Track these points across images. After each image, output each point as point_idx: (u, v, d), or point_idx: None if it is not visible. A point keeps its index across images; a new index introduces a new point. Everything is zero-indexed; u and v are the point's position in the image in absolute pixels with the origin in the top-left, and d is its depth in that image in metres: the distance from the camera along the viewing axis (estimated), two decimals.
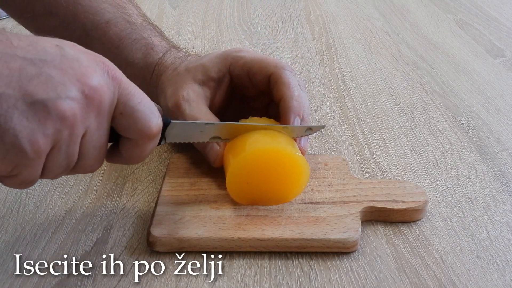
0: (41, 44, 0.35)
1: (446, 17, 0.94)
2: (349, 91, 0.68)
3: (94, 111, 0.35)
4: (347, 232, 0.42)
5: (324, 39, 0.84)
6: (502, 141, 0.57)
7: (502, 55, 0.79)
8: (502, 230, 0.45)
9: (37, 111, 0.33)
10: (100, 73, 0.36)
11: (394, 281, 0.40)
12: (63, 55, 0.35)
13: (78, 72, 0.35)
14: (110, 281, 0.40)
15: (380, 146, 0.56)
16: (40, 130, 0.33)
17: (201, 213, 0.44)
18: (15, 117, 0.33)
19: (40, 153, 0.34)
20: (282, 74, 0.49)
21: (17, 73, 0.33)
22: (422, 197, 0.46)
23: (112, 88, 0.36)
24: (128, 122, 0.37)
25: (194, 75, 0.51)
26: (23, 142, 0.33)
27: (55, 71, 0.34)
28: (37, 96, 0.33)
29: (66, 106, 0.34)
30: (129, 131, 0.38)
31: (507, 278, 0.41)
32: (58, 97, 0.34)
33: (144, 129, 0.38)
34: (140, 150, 0.39)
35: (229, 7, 0.99)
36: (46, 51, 0.34)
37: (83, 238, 0.43)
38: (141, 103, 0.38)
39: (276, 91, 0.49)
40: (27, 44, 0.34)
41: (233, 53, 0.52)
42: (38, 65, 0.33)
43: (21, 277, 0.40)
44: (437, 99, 0.66)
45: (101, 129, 0.37)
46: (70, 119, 0.34)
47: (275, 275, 0.41)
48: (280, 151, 0.43)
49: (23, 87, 0.33)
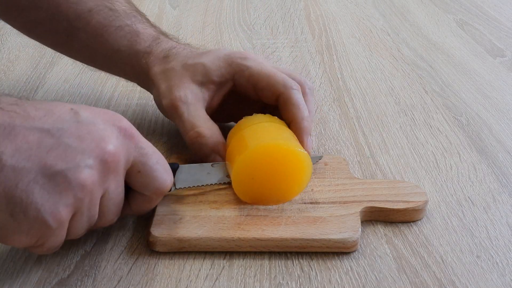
0: (57, 112, 0.35)
1: (446, 17, 0.94)
2: (349, 91, 0.68)
3: (112, 172, 0.36)
4: (347, 232, 0.42)
5: (324, 39, 0.84)
6: (502, 141, 0.57)
7: (502, 55, 0.79)
8: (502, 230, 0.45)
9: (57, 183, 0.34)
10: (116, 135, 0.36)
11: (394, 281, 0.40)
12: (79, 121, 0.35)
13: (96, 137, 0.35)
14: (110, 281, 0.40)
15: (380, 146, 0.56)
16: (62, 201, 0.34)
17: (201, 213, 0.44)
18: (36, 191, 0.33)
19: (62, 223, 0.35)
20: (291, 95, 0.48)
21: (35, 146, 0.33)
22: (422, 197, 0.46)
23: (128, 147, 0.37)
24: (145, 181, 0.39)
25: (193, 75, 0.50)
26: (46, 215, 0.34)
27: (72, 139, 0.34)
28: (56, 167, 0.33)
29: (86, 175, 0.34)
30: (145, 189, 0.40)
31: (507, 278, 0.41)
32: (77, 167, 0.34)
33: (160, 187, 0.40)
34: (151, 204, 0.41)
35: (229, 7, 0.99)
36: (62, 118, 0.35)
37: (83, 238, 0.43)
38: (158, 162, 0.39)
39: (287, 112, 0.49)
40: (43, 114, 0.35)
41: (238, 60, 0.50)
42: (56, 135, 0.34)
43: (21, 277, 0.40)
44: (437, 99, 0.66)
45: (119, 187, 0.38)
46: (90, 187, 0.35)
47: (275, 275, 0.41)
48: (286, 148, 0.43)
49: (42, 160, 0.33)
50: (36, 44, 0.79)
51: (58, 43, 0.59)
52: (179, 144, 0.56)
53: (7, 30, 0.84)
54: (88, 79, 0.69)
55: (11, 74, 0.71)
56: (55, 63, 0.74)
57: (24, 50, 0.78)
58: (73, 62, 0.74)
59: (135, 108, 0.63)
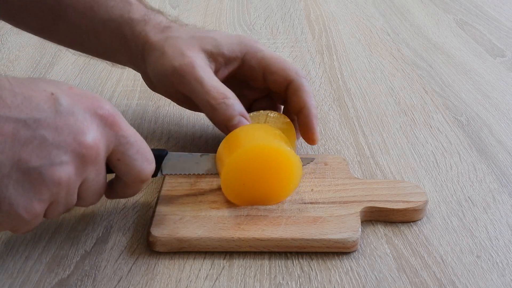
0: (36, 98, 0.34)
1: (446, 17, 0.94)
2: (349, 91, 0.68)
3: (91, 164, 0.36)
4: (347, 232, 0.42)
5: (324, 39, 0.84)
6: (502, 141, 0.57)
7: (502, 55, 0.79)
8: (502, 230, 0.45)
9: (32, 179, 0.33)
10: (96, 125, 0.35)
11: (394, 281, 0.40)
12: (57, 111, 0.34)
13: (73, 129, 0.34)
14: (110, 281, 0.40)
15: (380, 146, 0.56)
16: (36, 196, 0.34)
17: (201, 213, 0.44)
18: (10, 186, 0.33)
19: (37, 216, 0.35)
20: (304, 82, 0.49)
21: (10, 138, 0.32)
22: (422, 197, 0.46)
23: (108, 136, 0.36)
24: (125, 168, 0.38)
25: (202, 44, 0.48)
26: (19, 210, 0.33)
27: (49, 131, 0.33)
28: (31, 163, 0.33)
29: (61, 173, 0.34)
30: (125, 176, 0.39)
31: (507, 278, 0.41)
32: (52, 164, 0.33)
33: (139, 175, 0.39)
34: (133, 190, 0.41)
35: (229, 7, 0.99)
36: (40, 107, 0.33)
37: (83, 238, 0.43)
38: (138, 152, 0.38)
39: (298, 98, 0.49)
40: (21, 101, 0.33)
41: (250, 42, 0.50)
42: (32, 126, 0.33)
43: (21, 277, 0.40)
44: (437, 99, 0.66)
45: (99, 175, 0.37)
46: (66, 182, 0.34)
47: (275, 275, 0.41)
48: (270, 147, 0.43)
49: (17, 154, 0.32)
50: (36, 44, 0.79)
51: (44, 27, 0.56)
52: (179, 144, 0.56)
53: (7, 30, 0.84)
54: (88, 79, 0.69)
55: (11, 74, 0.71)
56: (55, 63, 0.74)
57: (24, 50, 0.78)
58: (73, 62, 0.74)
59: (135, 108, 0.63)
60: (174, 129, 0.59)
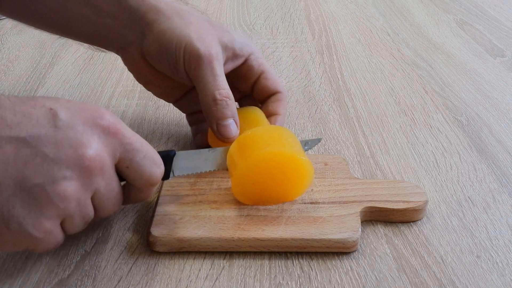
0: (35, 115, 0.34)
1: (446, 17, 0.94)
2: (349, 91, 0.68)
3: (97, 175, 0.35)
4: (347, 232, 0.42)
5: (324, 39, 0.84)
6: (502, 141, 0.57)
7: (502, 55, 0.79)
8: (502, 230, 0.45)
9: (37, 196, 0.33)
10: (97, 137, 0.35)
11: (394, 281, 0.40)
12: (56, 126, 0.34)
13: (73, 143, 0.34)
14: (110, 281, 0.40)
15: (380, 146, 0.56)
16: (43, 214, 0.34)
17: (201, 213, 0.44)
18: (16, 205, 0.33)
19: (49, 233, 0.34)
20: (286, 98, 0.53)
21: (12, 157, 0.32)
22: (422, 197, 0.46)
23: (113, 145, 0.36)
24: (134, 175, 0.38)
25: (220, 35, 0.48)
26: (29, 228, 0.33)
27: (49, 147, 0.33)
28: (34, 180, 0.33)
29: (66, 188, 0.34)
30: (135, 182, 0.39)
31: (507, 278, 0.41)
32: (55, 180, 0.33)
33: (149, 179, 0.39)
34: (146, 194, 0.41)
35: (229, 7, 0.99)
36: (39, 124, 0.33)
37: (83, 238, 0.43)
38: (145, 157, 0.38)
39: (277, 107, 0.52)
40: (20, 119, 0.33)
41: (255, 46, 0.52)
42: (32, 144, 0.33)
43: (21, 277, 0.40)
44: (437, 99, 0.66)
45: (111, 184, 0.37)
46: (71, 196, 0.34)
47: (275, 275, 0.41)
48: (288, 155, 0.43)
49: (19, 173, 0.32)
50: (36, 44, 0.79)
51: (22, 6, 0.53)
52: (179, 144, 0.56)
53: (7, 30, 0.84)
54: (88, 79, 0.69)
55: (11, 74, 0.71)
56: (55, 63, 0.74)
57: (24, 50, 0.78)
58: (73, 62, 0.74)
59: (135, 108, 0.63)
60: (174, 129, 0.59)
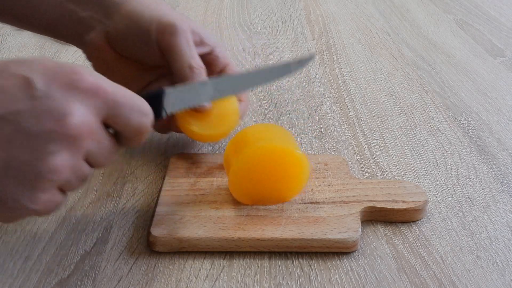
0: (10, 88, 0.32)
1: (446, 17, 0.94)
2: (349, 91, 0.68)
3: (86, 139, 0.34)
4: (347, 232, 0.42)
5: (324, 39, 0.84)
6: (502, 141, 0.57)
7: (502, 55, 0.79)
8: (502, 230, 0.45)
9: (27, 173, 0.33)
10: (79, 102, 0.34)
11: (394, 281, 0.40)
12: (33, 97, 0.32)
13: (56, 113, 0.33)
14: (110, 281, 0.40)
15: (380, 146, 0.56)
16: (38, 188, 0.33)
17: (201, 213, 0.44)
18: (10, 185, 0.32)
19: (47, 201, 0.34)
20: None
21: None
22: (422, 197, 0.46)
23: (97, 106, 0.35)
24: (123, 128, 0.37)
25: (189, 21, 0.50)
26: (26, 203, 0.33)
27: (31, 122, 0.32)
28: (21, 158, 0.32)
29: (55, 161, 0.33)
30: (125, 133, 0.38)
31: (507, 278, 0.41)
32: (42, 155, 0.32)
33: (139, 130, 0.38)
34: (137, 142, 0.39)
35: (229, 7, 0.99)
36: (15, 97, 0.32)
37: (83, 238, 0.43)
38: (132, 108, 0.37)
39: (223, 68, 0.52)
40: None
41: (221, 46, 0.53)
42: (13, 120, 0.32)
43: (21, 277, 0.40)
44: (437, 99, 0.66)
45: (101, 142, 0.36)
46: (63, 167, 0.34)
47: (275, 275, 0.41)
48: (283, 149, 0.43)
49: (5, 152, 0.32)
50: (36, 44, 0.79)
51: None
52: (179, 144, 0.56)
53: (7, 30, 0.84)
54: None
55: None
56: None
57: (24, 50, 0.78)
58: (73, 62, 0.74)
59: None
60: None
